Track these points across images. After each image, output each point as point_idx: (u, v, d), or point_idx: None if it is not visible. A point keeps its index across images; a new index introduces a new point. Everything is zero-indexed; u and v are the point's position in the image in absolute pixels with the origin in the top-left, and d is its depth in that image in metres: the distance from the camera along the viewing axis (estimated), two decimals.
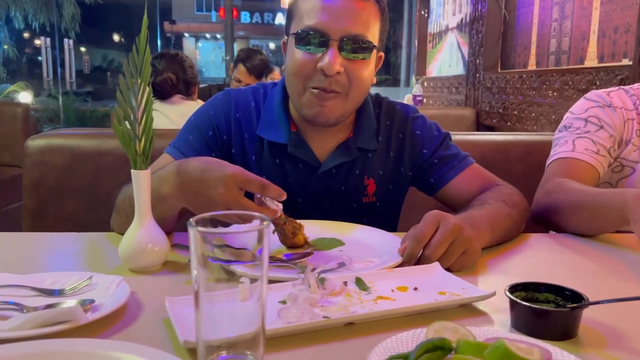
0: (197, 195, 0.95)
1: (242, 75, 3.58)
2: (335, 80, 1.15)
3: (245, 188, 0.93)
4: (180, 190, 0.98)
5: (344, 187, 1.28)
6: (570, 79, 2.66)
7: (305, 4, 1.16)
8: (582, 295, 0.73)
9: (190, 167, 0.98)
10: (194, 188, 0.95)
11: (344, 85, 1.16)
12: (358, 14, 1.14)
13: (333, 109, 1.17)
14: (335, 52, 1.13)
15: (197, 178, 0.95)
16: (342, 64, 1.14)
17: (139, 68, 0.91)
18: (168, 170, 1.02)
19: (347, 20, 1.13)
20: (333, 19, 1.13)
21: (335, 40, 1.13)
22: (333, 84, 1.15)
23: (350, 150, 1.26)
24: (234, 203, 0.91)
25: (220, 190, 0.91)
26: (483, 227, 1.05)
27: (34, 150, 1.62)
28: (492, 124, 3.60)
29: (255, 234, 0.56)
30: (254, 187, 0.93)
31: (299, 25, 1.17)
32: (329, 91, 1.15)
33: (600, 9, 2.52)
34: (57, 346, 0.62)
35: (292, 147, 1.25)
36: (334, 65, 1.12)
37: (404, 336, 0.65)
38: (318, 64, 1.14)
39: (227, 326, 0.58)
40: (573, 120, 1.42)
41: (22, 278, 0.84)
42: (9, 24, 10.32)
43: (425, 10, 5.54)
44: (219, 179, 0.92)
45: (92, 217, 1.61)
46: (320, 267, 0.91)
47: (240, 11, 17.59)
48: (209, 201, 0.93)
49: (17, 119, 3.82)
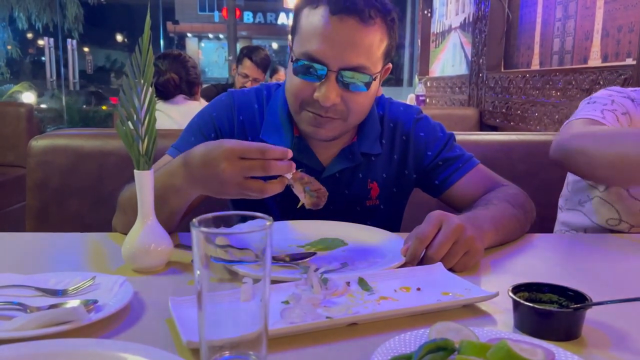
0: (207, 179, 0.96)
1: (249, 69, 3.55)
2: (331, 108, 1.12)
3: (246, 156, 0.91)
4: (191, 179, 0.99)
5: (348, 191, 1.28)
6: (574, 78, 2.65)
7: (309, 24, 1.11)
8: (585, 295, 0.72)
9: (194, 155, 0.99)
10: (202, 173, 0.96)
11: (342, 112, 1.14)
12: (360, 42, 1.09)
13: (330, 130, 1.17)
14: (332, 84, 1.09)
15: (202, 163, 0.96)
16: (340, 94, 1.11)
17: (142, 68, 0.91)
18: (175, 164, 1.03)
19: (348, 50, 1.08)
20: (332, 48, 1.08)
21: (333, 72, 1.09)
22: (329, 112, 1.13)
23: (354, 155, 1.26)
24: (239, 177, 0.91)
25: (223, 166, 0.91)
26: (487, 227, 1.05)
27: (37, 150, 1.62)
28: (495, 123, 3.59)
29: (258, 234, 0.56)
30: (252, 153, 0.92)
31: (299, 46, 1.13)
32: (324, 117, 1.14)
33: (604, 9, 2.51)
34: (60, 346, 0.62)
35: (295, 152, 1.23)
36: (330, 98, 1.10)
37: (407, 337, 0.65)
38: (315, 94, 1.11)
39: (230, 326, 0.58)
40: (598, 98, 1.36)
41: (26, 278, 0.84)
42: (12, 25, 10.34)
43: (428, 9, 5.53)
44: (220, 155, 0.92)
45: (96, 217, 1.62)
46: (323, 267, 0.91)
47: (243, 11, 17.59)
48: (218, 181, 0.93)
49: (21, 119, 3.83)
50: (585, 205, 1.44)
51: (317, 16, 1.10)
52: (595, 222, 1.40)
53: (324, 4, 1.10)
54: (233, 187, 0.93)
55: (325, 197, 1.02)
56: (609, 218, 1.38)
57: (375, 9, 1.09)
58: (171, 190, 1.02)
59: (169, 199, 1.01)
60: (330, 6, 1.08)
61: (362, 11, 1.07)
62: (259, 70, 3.54)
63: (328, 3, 1.09)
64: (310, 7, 1.12)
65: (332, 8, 1.08)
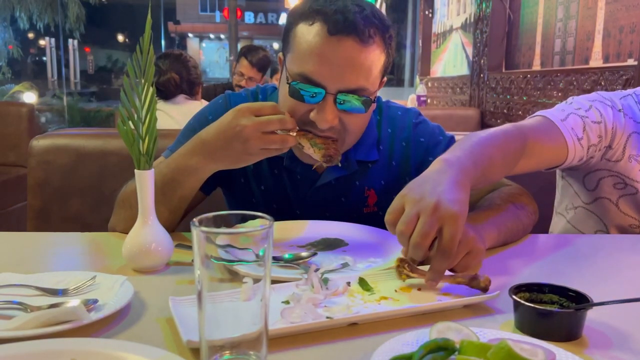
0: (228, 144, 0.99)
1: (245, 68, 3.58)
2: (328, 130, 1.07)
3: (261, 113, 0.98)
4: (211, 153, 1.03)
5: (344, 198, 1.26)
6: (575, 79, 2.65)
7: (305, 42, 1.04)
8: (586, 296, 0.72)
9: (209, 131, 1.04)
10: (221, 141, 1.00)
11: (339, 132, 1.10)
12: (360, 64, 1.03)
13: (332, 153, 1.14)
14: (330, 106, 1.04)
15: (220, 131, 1.00)
16: (338, 115, 1.06)
17: (143, 68, 0.91)
18: (190, 146, 1.07)
19: (347, 72, 1.03)
20: (331, 70, 1.02)
21: (331, 94, 1.04)
22: (326, 132, 1.08)
23: (349, 162, 1.22)
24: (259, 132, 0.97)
25: (244, 123, 0.97)
26: (489, 227, 1.04)
27: (38, 150, 1.62)
28: (496, 124, 3.59)
29: (258, 234, 0.56)
30: (266, 109, 0.99)
31: (294, 65, 1.06)
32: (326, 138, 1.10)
33: (606, 9, 2.51)
34: (60, 345, 0.62)
35: (288, 161, 1.22)
36: (327, 121, 1.05)
37: (408, 336, 0.65)
38: (311, 115, 1.06)
39: (230, 326, 0.58)
40: (577, 100, 1.33)
41: (26, 277, 0.84)
42: (14, 25, 10.36)
43: (430, 10, 5.53)
44: (237, 116, 0.97)
45: (97, 216, 1.62)
46: (323, 267, 0.91)
47: (244, 11, 17.61)
48: (241, 141, 0.98)
49: (22, 119, 3.83)
50: (569, 212, 1.43)
51: (313, 35, 1.03)
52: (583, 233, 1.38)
53: (320, 22, 1.03)
54: (256, 142, 0.97)
55: (335, 148, 1.05)
56: (597, 230, 1.36)
57: (374, 28, 1.04)
58: (187, 171, 1.04)
59: (183, 182, 1.04)
60: (328, 26, 1.02)
61: (362, 32, 1.02)
62: (253, 70, 3.57)
63: (325, 21, 1.02)
64: (305, 23, 1.05)
65: (331, 28, 1.01)
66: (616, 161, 1.29)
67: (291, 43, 1.08)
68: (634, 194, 1.29)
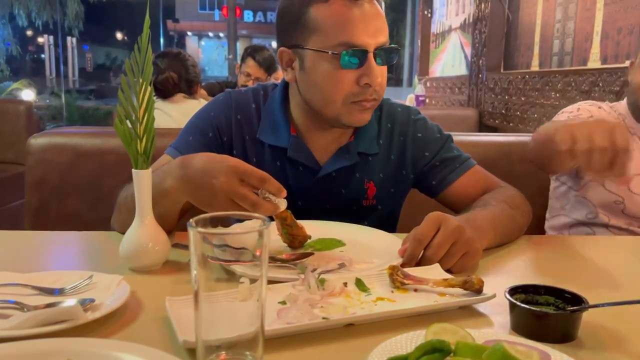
0: (199, 186, 0.96)
1: (252, 68, 3.55)
2: (375, 90, 1.16)
3: (245, 179, 0.94)
4: (184, 182, 0.99)
5: (344, 190, 1.28)
6: (573, 80, 2.65)
7: (330, 17, 1.12)
8: (582, 298, 0.73)
9: (194, 160, 1.00)
10: (197, 179, 0.97)
11: (380, 92, 1.18)
12: (382, 19, 1.16)
13: (371, 114, 1.21)
14: (375, 64, 1.14)
15: (200, 169, 0.97)
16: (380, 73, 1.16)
17: (141, 67, 0.91)
18: (172, 165, 1.03)
19: (377, 29, 1.14)
20: (367, 31, 1.12)
21: (372, 53, 1.13)
22: (374, 94, 1.16)
23: (350, 154, 1.26)
24: (234, 193, 0.92)
25: (222, 179, 0.93)
26: (485, 228, 1.05)
27: (36, 148, 1.62)
28: (494, 124, 3.59)
29: (255, 235, 0.56)
30: (253, 179, 0.94)
31: (327, 41, 1.13)
32: (370, 100, 1.17)
33: (604, 10, 2.51)
34: (57, 345, 0.62)
35: (292, 151, 1.25)
36: (379, 78, 1.15)
37: (404, 338, 0.65)
38: (361, 79, 1.14)
39: (227, 326, 0.58)
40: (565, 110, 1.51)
41: (23, 277, 0.84)
42: (12, 22, 10.34)
43: (428, 10, 5.53)
44: (221, 169, 0.94)
45: (94, 215, 1.62)
46: (320, 267, 0.91)
47: (244, 10, 17.58)
48: (210, 191, 0.94)
49: (20, 116, 3.82)
50: (566, 207, 1.53)
51: (337, 8, 1.12)
52: (576, 219, 1.50)
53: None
54: (222, 201, 0.93)
55: (302, 243, 1.05)
56: (587, 212, 1.48)
57: None
58: (161, 192, 1.00)
59: (157, 202, 0.98)
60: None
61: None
62: (261, 70, 3.54)
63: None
64: (318, 4, 1.13)
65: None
66: None
67: (310, 27, 1.15)
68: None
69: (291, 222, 1.02)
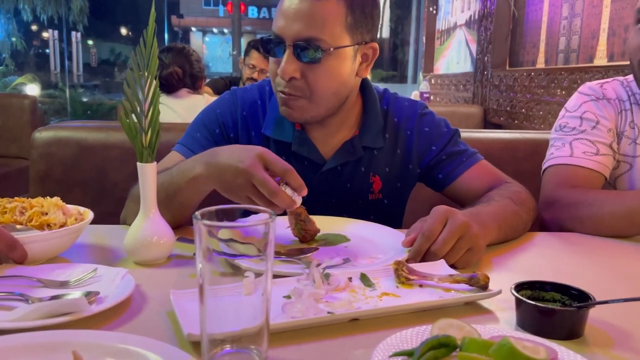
0: (224, 169, 0.98)
1: (256, 60, 3.55)
2: (292, 85, 1.15)
3: (270, 167, 0.96)
4: (212, 167, 1.01)
5: (350, 184, 1.28)
6: (579, 77, 2.64)
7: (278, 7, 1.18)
8: (588, 294, 0.72)
9: (224, 148, 1.04)
10: (224, 163, 0.98)
11: (302, 89, 1.15)
12: (312, 15, 1.11)
13: (299, 111, 1.18)
14: (289, 57, 1.12)
15: (228, 154, 0.99)
16: (300, 68, 1.13)
17: (146, 61, 0.91)
18: (202, 154, 1.06)
19: (299, 23, 1.11)
20: (286, 23, 1.12)
21: (289, 46, 1.12)
22: (289, 88, 1.15)
23: (355, 148, 1.26)
24: (255, 176, 0.94)
25: (247, 162, 0.95)
26: (489, 224, 1.04)
27: (40, 142, 1.62)
28: (499, 121, 3.58)
29: (261, 228, 0.56)
30: (277, 167, 0.96)
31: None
32: (287, 94, 1.16)
33: (611, 7, 2.50)
34: (61, 337, 0.62)
35: (296, 146, 1.25)
36: (285, 70, 1.12)
37: (409, 333, 0.65)
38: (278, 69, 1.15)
39: (232, 320, 0.58)
40: (568, 119, 1.39)
41: (28, 269, 0.84)
42: (17, 17, 10.35)
43: (434, 7, 5.51)
44: (248, 154, 0.96)
45: (98, 209, 1.60)
46: (325, 262, 0.91)
47: (248, 6, 17.54)
48: (234, 173, 0.96)
49: (25, 111, 3.84)
50: None
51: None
52: None
53: None
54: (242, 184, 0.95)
55: (313, 237, 1.06)
56: None
57: None
58: (188, 180, 1.03)
59: (183, 190, 1.03)
60: None
61: None
62: (265, 61, 3.53)
63: None
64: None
65: None
66: None
67: None
68: (628, 171, 1.34)
69: (305, 218, 1.03)
